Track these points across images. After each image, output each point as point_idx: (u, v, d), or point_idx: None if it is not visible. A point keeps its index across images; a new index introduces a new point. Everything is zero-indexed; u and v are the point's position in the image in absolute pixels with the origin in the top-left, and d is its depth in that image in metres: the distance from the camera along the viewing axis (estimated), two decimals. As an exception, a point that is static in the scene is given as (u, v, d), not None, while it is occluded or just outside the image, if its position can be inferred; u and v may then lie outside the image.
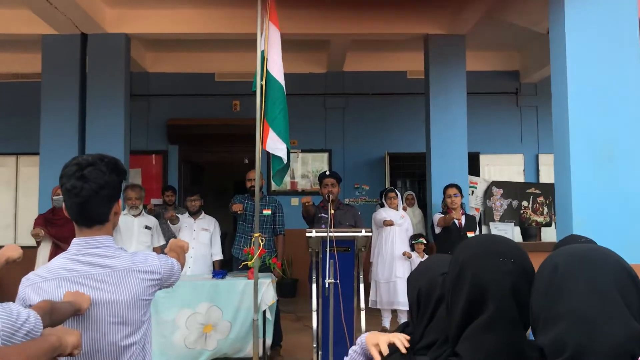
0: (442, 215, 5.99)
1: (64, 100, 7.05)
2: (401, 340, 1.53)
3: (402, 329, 1.70)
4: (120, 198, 1.90)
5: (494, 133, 9.49)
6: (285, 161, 4.26)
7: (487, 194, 9.16)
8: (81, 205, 1.75)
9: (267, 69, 4.03)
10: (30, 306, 1.54)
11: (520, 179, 9.57)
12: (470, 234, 5.60)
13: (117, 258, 1.82)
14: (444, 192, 6.22)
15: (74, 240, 1.81)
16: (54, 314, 1.54)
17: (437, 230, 5.92)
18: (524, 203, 9.05)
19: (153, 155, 9.35)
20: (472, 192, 9.17)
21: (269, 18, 4.06)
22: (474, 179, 9.19)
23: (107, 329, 1.78)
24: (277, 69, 4.06)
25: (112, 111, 7.07)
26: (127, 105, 7.24)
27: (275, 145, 4.15)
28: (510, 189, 9.19)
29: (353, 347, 1.70)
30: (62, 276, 1.75)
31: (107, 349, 1.78)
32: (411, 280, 1.64)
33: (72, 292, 1.68)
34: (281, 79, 4.08)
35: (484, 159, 9.55)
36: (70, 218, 1.80)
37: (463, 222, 5.81)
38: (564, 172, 3.91)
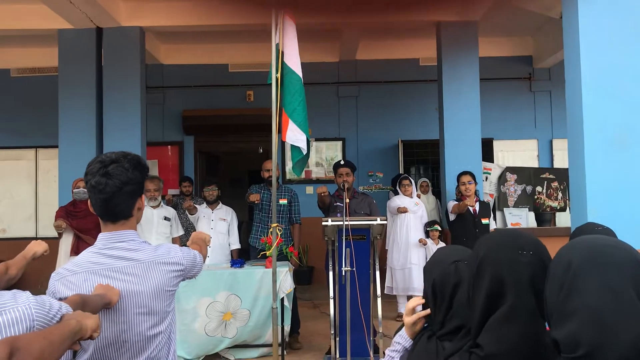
0: (457, 203, 6.03)
1: (81, 94, 7.16)
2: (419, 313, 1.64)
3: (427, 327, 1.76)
4: (143, 194, 1.97)
5: (507, 119, 9.47)
6: (305, 151, 4.31)
7: (501, 179, 9.15)
8: (105, 201, 1.83)
9: (283, 61, 4.07)
10: (60, 299, 1.61)
11: (535, 164, 9.55)
12: (484, 220, 5.64)
13: (142, 251, 1.90)
14: (458, 180, 6.26)
15: (100, 235, 1.89)
16: (85, 307, 1.61)
17: (452, 217, 5.97)
18: (538, 188, 9.04)
19: (169, 146, 9.47)
20: (486, 178, 9.18)
21: (284, 11, 4.10)
22: (487, 165, 9.19)
23: (133, 320, 1.85)
24: (294, 61, 4.11)
25: (128, 103, 7.17)
26: (143, 97, 7.33)
27: (296, 136, 4.20)
28: (524, 174, 9.17)
29: (389, 348, 1.75)
30: (89, 269, 1.84)
31: (134, 339, 1.86)
32: (425, 273, 1.69)
33: (103, 285, 1.76)
34: (299, 71, 4.12)
35: (497, 145, 9.53)
36: (95, 213, 1.88)
37: (477, 208, 5.84)
38: (578, 158, 3.93)
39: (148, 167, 1.98)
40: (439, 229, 6.74)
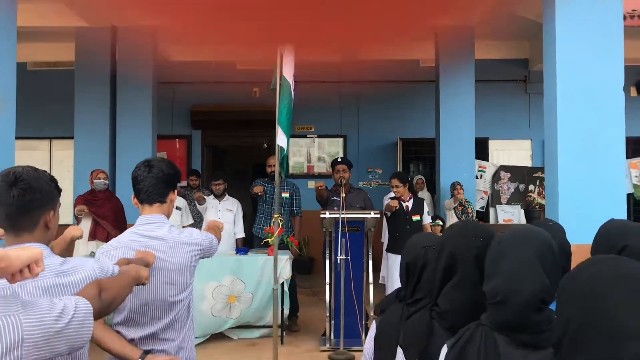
0: (388, 202, 6.24)
1: (96, 89, 7.55)
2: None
3: (396, 293, 2.18)
4: (176, 189, 2.44)
5: (503, 119, 9.84)
6: (284, 151, 4.56)
7: (495, 177, 9.56)
8: (148, 187, 2.29)
9: (282, 72, 4.39)
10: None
11: (528, 163, 9.93)
12: (415, 217, 5.88)
13: (169, 233, 2.33)
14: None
15: (139, 218, 2.33)
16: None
17: (388, 214, 6.10)
18: (531, 187, 9.44)
19: (177, 140, 9.88)
20: (481, 176, 9.58)
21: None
22: (482, 163, 9.60)
23: (159, 288, 2.28)
24: (288, 68, 4.42)
25: (140, 98, 7.56)
26: (154, 92, 7.73)
27: (279, 137, 4.49)
28: (517, 173, 9.58)
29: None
30: (128, 246, 2.26)
31: (158, 303, 2.28)
32: (402, 255, 2.11)
33: (141, 251, 2.19)
34: (290, 77, 4.41)
35: (493, 144, 9.92)
36: (137, 199, 2.32)
37: (410, 206, 6.01)
38: (552, 159, 4.35)
39: (180, 170, 2.44)
40: (441, 223, 7.04)
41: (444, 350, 1.50)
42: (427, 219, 6.07)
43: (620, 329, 1.00)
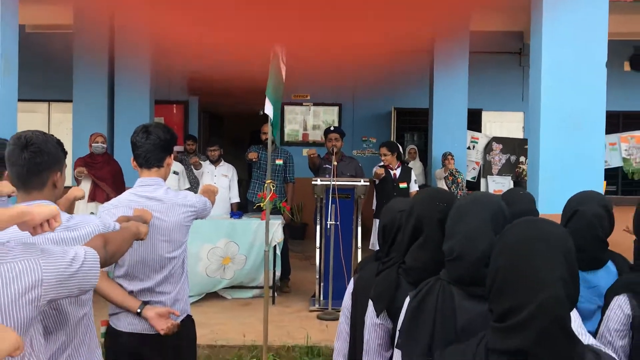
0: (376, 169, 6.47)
1: (94, 53, 7.61)
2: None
3: (375, 254, 2.38)
4: (172, 154, 2.60)
5: (496, 91, 9.95)
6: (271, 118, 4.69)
7: (487, 148, 9.73)
8: (146, 152, 2.46)
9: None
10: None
11: (520, 135, 10.08)
12: (402, 185, 6.13)
13: (166, 195, 2.51)
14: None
15: (138, 180, 2.51)
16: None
17: (376, 181, 6.33)
18: (522, 158, 9.62)
19: (174, 105, 9.99)
20: (474, 147, 9.76)
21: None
22: (475, 134, 9.76)
23: (156, 245, 2.47)
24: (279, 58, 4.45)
25: (138, 62, 7.62)
26: (152, 57, 7.80)
27: (267, 108, 4.60)
28: (509, 144, 9.74)
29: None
30: (127, 205, 2.44)
31: (155, 259, 2.48)
32: (380, 218, 2.30)
33: (139, 209, 2.36)
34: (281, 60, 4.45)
35: (486, 116, 10.05)
36: (136, 162, 2.49)
37: (398, 174, 6.24)
38: (535, 133, 4.53)
39: (177, 135, 2.60)
40: None
41: (407, 300, 1.70)
42: (414, 187, 6.27)
43: (535, 278, 1.21)
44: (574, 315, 1.52)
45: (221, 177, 6.47)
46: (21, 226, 1.47)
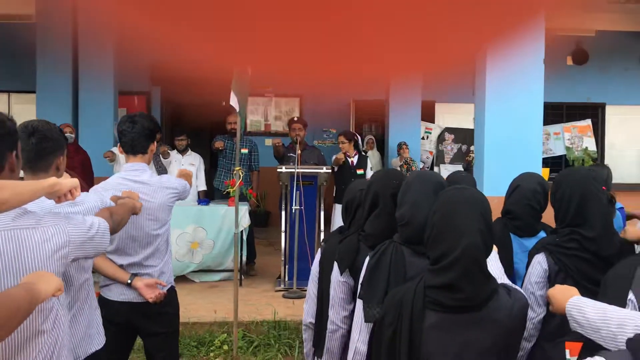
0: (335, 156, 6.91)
1: (57, 42, 7.65)
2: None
3: (339, 229, 2.73)
4: (155, 141, 2.88)
5: (449, 84, 10.42)
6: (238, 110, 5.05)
7: (440, 138, 10.23)
8: (132, 140, 2.72)
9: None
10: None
11: (471, 126, 10.59)
12: (359, 171, 6.61)
13: (151, 178, 2.80)
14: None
15: (125, 165, 2.80)
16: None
17: (336, 168, 6.73)
18: (472, 147, 10.14)
19: (136, 97, 10.09)
20: (427, 137, 10.24)
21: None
22: (429, 125, 10.24)
23: (143, 223, 2.77)
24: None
25: (102, 53, 7.71)
26: (116, 47, 7.92)
27: (233, 100, 4.92)
28: (460, 134, 10.27)
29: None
30: (116, 188, 2.72)
31: (143, 235, 2.78)
32: (344, 197, 2.65)
33: (127, 191, 2.63)
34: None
35: (439, 107, 10.53)
36: (124, 150, 2.76)
37: (355, 161, 6.70)
38: (481, 123, 5.00)
39: (159, 124, 2.89)
40: None
41: (367, 260, 2.06)
42: (369, 174, 6.69)
43: (459, 229, 1.59)
44: (497, 264, 1.92)
45: (189, 166, 6.70)
46: (50, 195, 1.76)
